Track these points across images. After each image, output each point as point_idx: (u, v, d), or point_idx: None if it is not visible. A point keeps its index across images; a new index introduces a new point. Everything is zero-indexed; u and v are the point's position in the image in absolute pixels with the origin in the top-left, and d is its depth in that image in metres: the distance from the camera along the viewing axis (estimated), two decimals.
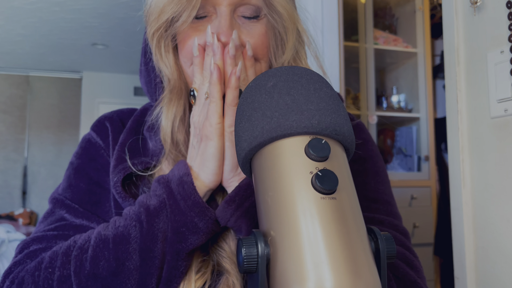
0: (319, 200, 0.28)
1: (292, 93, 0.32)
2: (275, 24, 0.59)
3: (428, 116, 2.44)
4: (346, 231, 0.27)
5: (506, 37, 0.85)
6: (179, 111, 0.61)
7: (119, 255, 0.51)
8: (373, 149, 0.67)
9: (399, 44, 2.49)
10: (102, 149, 0.67)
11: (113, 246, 0.51)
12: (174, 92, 0.61)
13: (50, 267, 0.53)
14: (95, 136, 0.68)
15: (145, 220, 0.52)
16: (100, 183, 0.64)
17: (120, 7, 3.33)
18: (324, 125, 0.31)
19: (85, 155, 0.67)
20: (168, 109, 0.61)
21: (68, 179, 0.66)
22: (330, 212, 0.28)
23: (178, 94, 0.61)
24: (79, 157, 0.67)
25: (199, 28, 0.57)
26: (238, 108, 0.36)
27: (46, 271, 0.53)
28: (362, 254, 0.27)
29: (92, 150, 0.67)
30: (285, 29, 0.60)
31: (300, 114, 0.31)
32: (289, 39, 0.60)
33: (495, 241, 0.88)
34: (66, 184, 0.65)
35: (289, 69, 0.35)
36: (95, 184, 0.64)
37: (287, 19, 0.59)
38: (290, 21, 0.59)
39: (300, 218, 0.28)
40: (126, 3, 3.27)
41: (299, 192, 0.28)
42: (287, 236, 0.27)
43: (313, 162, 0.29)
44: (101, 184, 0.64)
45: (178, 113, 0.61)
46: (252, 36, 0.57)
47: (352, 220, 0.28)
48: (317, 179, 0.28)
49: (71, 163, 0.68)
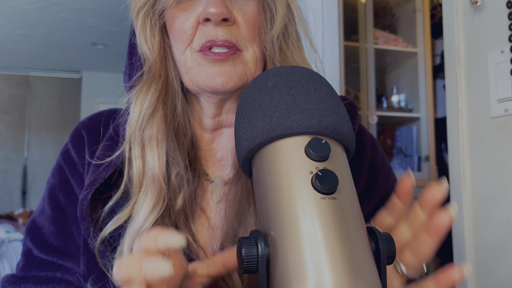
0: (319, 200, 0.28)
1: (292, 93, 0.32)
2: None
3: (429, 116, 2.44)
4: (346, 231, 0.27)
5: (506, 37, 0.85)
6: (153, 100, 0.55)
7: None
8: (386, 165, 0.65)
9: (399, 44, 2.49)
10: (74, 167, 0.62)
11: None
12: (151, 74, 0.56)
13: None
14: (71, 148, 0.63)
15: None
16: (66, 210, 0.61)
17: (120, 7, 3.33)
18: (324, 125, 0.31)
19: (58, 174, 0.63)
20: (141, 92, 0.55)
21: (43, 200, 0.63)
22: (330, 212, 0.28)
23: (155, 78, 0.56)
24: (53, 176, 0.63)
25: (187, 8, 0.55)
26: (238, 108, 0.35)
27: None
28: (362, 254, 0.27)
29: (65, 168, 0.62)
30: (274, 1, 0.56)
31: (300, 114, 0.30)
32: (278, 10, 0.56)
33: (495, 241, 0.88)
34: (41, 206, 0.63)
35: (289, 69, 0.34)
36: (60, 211, 0.61)
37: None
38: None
39: (300, 218, 0.27)
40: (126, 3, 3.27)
41: (299, 192, 0.28)
42: (287, 236, 0.27)
43: (313, 162, 0.29)
44: (67, 211, 0.61)
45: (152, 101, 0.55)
46: (244, 14, 0.55)
47: (352, 220, 0.28)
48: (317, 179, 0.28)
49: (48, 180, 0.64)
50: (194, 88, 0.57)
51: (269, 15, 0.57)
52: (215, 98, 0.57)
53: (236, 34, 0.54)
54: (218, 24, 0.53)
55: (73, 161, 0.62)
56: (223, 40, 0.53)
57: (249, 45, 0.55)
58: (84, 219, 0.55)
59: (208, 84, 0.54)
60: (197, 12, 0.54)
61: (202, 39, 0.54)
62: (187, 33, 0.54)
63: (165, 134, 0.55)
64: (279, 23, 0.56)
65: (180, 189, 0.56)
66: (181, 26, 0.55)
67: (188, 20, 0.54)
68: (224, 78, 0.53)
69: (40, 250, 0.60)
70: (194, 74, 0.55)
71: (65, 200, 0.61)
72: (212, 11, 0.51)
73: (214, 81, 0.53)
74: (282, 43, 0.58)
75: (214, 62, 0.53)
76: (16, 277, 0.60)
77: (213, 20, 0.52)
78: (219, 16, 0.51)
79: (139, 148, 0.55)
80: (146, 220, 0.52)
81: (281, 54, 0.58)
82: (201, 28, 0.54)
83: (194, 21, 0.54)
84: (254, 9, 0.55)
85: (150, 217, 0.52)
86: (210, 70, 0.54)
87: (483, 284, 0.91)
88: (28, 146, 5.05)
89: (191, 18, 0.54)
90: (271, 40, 0.57)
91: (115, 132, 0.60)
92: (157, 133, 0.55)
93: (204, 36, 0.53)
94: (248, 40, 0.55)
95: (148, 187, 0.53)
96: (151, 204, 0.53)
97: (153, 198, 0.53)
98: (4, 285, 0.60)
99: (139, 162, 0.55)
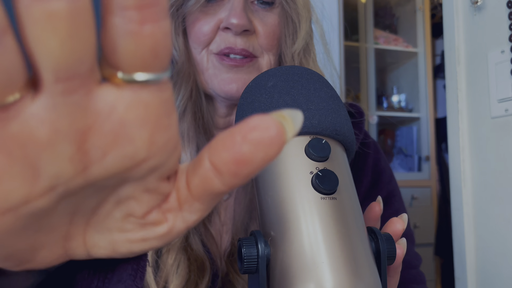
0: (319, 200, 0.28)
1: (292, 93, 0.32)
2: (289, 10, 0.57)
3: (429, 116, 2.44)
4: (346, 232, 0.27)
5: (507, 37, 0.85)
6: (184, 100, 0.57)
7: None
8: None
9: (400, 44, 2.49)
10: None
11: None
12: (181, 75, 0.58)
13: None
14: None
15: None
16: None
17: None
18: (324, 125, 0.31)
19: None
20: (173, 93, 0.57)
21: None
22: (330, 212, 0.28)
23: (185, 79, 0.58)
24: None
25: (209, 12, 0.56)
26: (238, 108, 0.35)
27: None
28: (362, 254, 0.27)
29: None
30: (298, 17, 0.58)
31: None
32: (302, 27, 0.58)
33: (496, 241, 0.88)
34: None
35: (289, 69, 0.34)
36: None
37: (302, 6, 0.58)
38: (305, 8, 0.58)
39: (300, 218, 0.27)
40: None
41: (299, 192, 0.28)
42: (287, 236, 0.27)
43: (313, 162, 0.29)
44: None
45: (183, 101, 0.57)
46: (264, 25, 0.56)
47: (353, 220, 0.28)
48: (317, 179, 0.28)
49: None
50: (208, 89, 0.58)
51: (292, 30, 0.58)
52: (227, 102, 0.59)
53: (254, 43, 0.56)
54: (238, 34, 0.54)
55: None
56: (241, 49, 0.54)
57: (265, 52, 0.57)
58: None
59: (223, 89, 0.55)
60: (218, 18, 0.55)
61: (221, 45, 0.55)
62: (206, 36, 0.56)
63: (195, 131, 0.58)
64: (302, 40, 0.58)
65: None
66: (200, 28, 0.56)
67: (209, 23, 0.55)
68: (239, 84, 0.54)
69: None
70: (210, 76, 0.56)
71: None
72: (234, 22, 0.52)
73: (229, 87, 0.55)
74: (302, 59, 0.60)
75: (229, 68, 0.55)
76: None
77: (233, 30, 0.54)
78: (241, 28, 0.53)
79: None
80: None
81: None
82: (220, 33, 0.55)
83: (214, 25, 0.55)
84: (275, 21, 0.57)
85: None
86: (225, 76, 0.55)
87: (483, 284, 0.91)
88: None
89: (212, 22, 0.55)
90: (291, 55, 0.58)
91: None
92: (188, 130, 0.57)
93: (223, 42, 0.55)
94: (266, 49, 0.57)
95: None
96: None
97: None
98: None
99: None
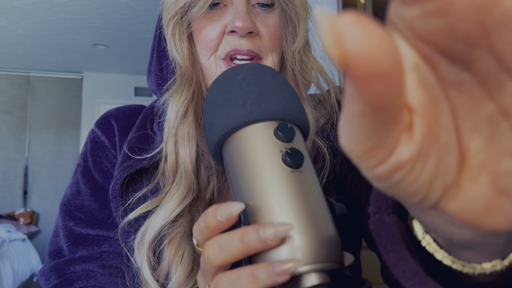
0: (289, 173, 0.34)
1: (260, 85, 0.37)
2: (288, 11, 0.60)
3: None
4: (313, 198, 0.33)
5: None
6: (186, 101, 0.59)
7: None
8: None
9: None
10: (107, 149, 0.66)
11: None
12: (184, 78, 0.60)
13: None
14: (100, 134, 0.68)
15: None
16: (105, 187, 0.65)
17: (121, 7, 3.34)
18: (289, 112, 0.36)
19: (91, 156, 0.67)
20: (176, 95, 0.59)
21: (77, 184, 0.66)
22: (299, 183, 0.34)
23: (188, 82, 0.60)
24: (85, 160, 0.67)
25: (213, 18, 0.58)
26: (208, 99, 0.39)
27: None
28: (325, 215, 0.34)
29: (97, 151, 0.67)
30: (297, 16, 0.60)
31: (269, 102, 0.36)
32: (301, 26, 0.61)
33: None
34: (75, 189, 0.66)
35: (254, 66, 0.39)
36: (100, 188, 0.65)
37: (299, 6, 0.60)
38: (302, 8, 0.61)
39: (274, 188, 0.33)
40: (127, 3, 3.28)
41: (272, 167, 0.34)
42: (264, 204, 0.33)
43: (281, 143, 0.35)
44: (105, 188, 0.65)
45: (185, 102, 0.59)
46: (266, 26, 0.58)
47: (316, 190, 0.34)
48: (288, 156, 0.34)
49: (78, 165, 0.68)
50: None
51: (292, 29, 0.61)
52: None
53: (258, 44, 0.58)
54: (243, 36, 0.56)
55: (105, 145, 0.67)
56: (247, 50, 0.57)
57: (269, 53, 0.59)
58: (115, 198, 0.60)
59: None
60: (223, 23, 0.57)
61: (227, 48, 0.57)
62: (213, 42, 0.58)
63: (196, 131, 0.60)
64: (301, 38, 0.61)
65: (209, 181, 0.61)
66: (207, 35, 0.58)
67: (215, 29, 0.58)
68: None
69: (85, 225, 0.64)
70: None
71: (102, 178, 0.66)
72: (239, 25, 0.55)
73: None
74: (303, 56, 0.63)
75: None
76: (62, 262, 0.62)
77: (239, 33, 0.56)
78: (246, 30, 0.55)
79: (173, 144, 0.60)
80: (175, 208, 0.57)
81: (302, 65, 0.62)
82: (226, 37, 0.58)
83: (220, 30, 0.58)
84: (275, 22, 0.59)
85: (180, 206, 0.57)
86: None
87: None
88: (29, 146, 5.07)
89: (217, 28, 0.58)
90: (292, 53, 0.61)
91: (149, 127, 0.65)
92: (189, 130, 0.59)
93: (229, 45, 0.57)
94: (270, 50, 0.59)
95: (181, 180, 0.59)
96: (182, 194, 0.58)
97: (185, 189, 0.58)
98: (49, 275, 0.62)
99: (172, 156, 0.59)
